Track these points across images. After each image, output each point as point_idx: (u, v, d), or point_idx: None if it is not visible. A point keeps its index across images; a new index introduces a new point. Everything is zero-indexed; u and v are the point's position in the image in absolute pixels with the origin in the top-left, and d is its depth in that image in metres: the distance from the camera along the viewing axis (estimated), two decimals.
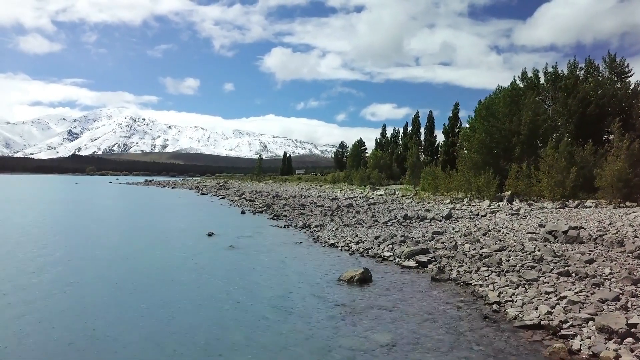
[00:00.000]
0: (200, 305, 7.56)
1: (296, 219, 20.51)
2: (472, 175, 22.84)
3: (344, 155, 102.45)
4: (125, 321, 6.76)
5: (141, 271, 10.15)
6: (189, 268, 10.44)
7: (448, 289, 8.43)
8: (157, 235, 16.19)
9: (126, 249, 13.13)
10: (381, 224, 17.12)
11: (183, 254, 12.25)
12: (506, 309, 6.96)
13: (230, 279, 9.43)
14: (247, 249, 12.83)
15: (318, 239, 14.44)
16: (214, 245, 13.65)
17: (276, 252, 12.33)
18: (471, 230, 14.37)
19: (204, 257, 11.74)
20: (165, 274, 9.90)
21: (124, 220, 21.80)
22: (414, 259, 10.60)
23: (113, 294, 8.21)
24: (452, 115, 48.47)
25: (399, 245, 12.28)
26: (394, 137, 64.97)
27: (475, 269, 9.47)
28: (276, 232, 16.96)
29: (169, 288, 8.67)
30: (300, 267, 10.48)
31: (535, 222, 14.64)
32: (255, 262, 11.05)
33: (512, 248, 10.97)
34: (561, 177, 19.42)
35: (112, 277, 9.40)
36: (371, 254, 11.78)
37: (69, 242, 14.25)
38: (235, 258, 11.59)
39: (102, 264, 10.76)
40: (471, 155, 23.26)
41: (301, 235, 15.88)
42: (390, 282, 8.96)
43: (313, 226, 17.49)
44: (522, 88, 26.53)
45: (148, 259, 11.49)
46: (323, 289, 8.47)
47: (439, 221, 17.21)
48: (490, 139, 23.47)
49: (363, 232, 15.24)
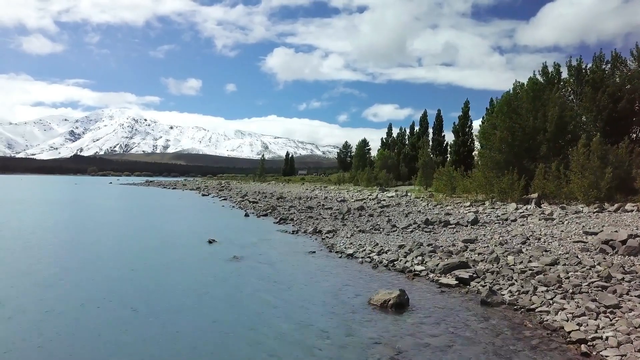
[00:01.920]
0: (199, 338, 5.92)
1: (305, 223, 18.87)
2: (493, 175, 21.16)
3: (347, 155, 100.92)
4: None
5: (128, 293, 8.48)
6: (186, 287, 8.80)
7: (506, 316, 6.78)
8: (152, 243, 14.53)
9: (114, 262, 11.46)
10: (400, 230, 15.47)
11: (179, 267, 10.60)
12: (599, 352, 5.30)
13: (234, 302, 7.79)
14: (254, 261, 11.18)
15: (333, 248, 12.79)
16: (215, 255, 12.01)
17: (287, 265, 10.67)
18: (506, 237, 12.71)
19: (203, 272, 10.09)
20: (157, 297, 8.25)
21: (118, 225, 20.16)
22: (452, 275, 8.95)
23: (90, 325, 6.57)
24: (463, 114, 46.91)
25: (429, 257, 10.63)
26: (400, 136, 63.37)
27: (530, 288, 7.81)
28: (284, 238, 15.32)
29: (162, 315, 7.03)
30: (318, 285, 8.83)
31: (577, 229, 12.98)
32: (263, 278, 9.39)
33: (567, 261, 9.30)
34: (594, 177, 17.74)
35: (90, 306, 7.75)
36: (399, 267, 10.12)
37: (50, 253, 12.60)
38: (239, 273, 9.94)
39: (80, 286, 9.10)
40: (492, 154, 21.56)
41: (312, 242, 14.24)
42: (432, 307, 7.31)
43: (325, 232, 15.86)
44: (542, 83, 24.86)
45: (138, 277, 9.79)
46: (351, 318, 6.83)
47: (464, 227, 15.55)
48: (513, 136, 21.78)
49: (382, 240, 13.59)
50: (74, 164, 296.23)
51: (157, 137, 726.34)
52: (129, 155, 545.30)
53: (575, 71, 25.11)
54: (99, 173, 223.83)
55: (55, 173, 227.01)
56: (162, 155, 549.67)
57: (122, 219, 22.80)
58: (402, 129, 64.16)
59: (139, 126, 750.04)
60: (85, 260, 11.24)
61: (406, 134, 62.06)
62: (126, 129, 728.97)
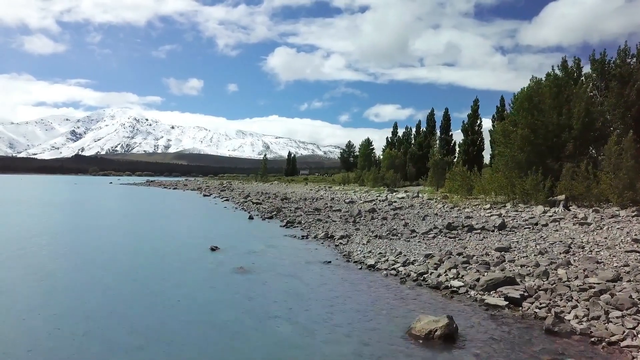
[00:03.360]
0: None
1: (314, 227, 17.52)
2: (515, 176, 19.77)
3: (350, 155, 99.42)
4: None
5: (113, 322, 7.16)
6: (186, 307, 7.45)
7: (583, 353, 5.41)
8: (147, 252, 13.15)
9: (106, 273, 10.13)
10: (420, 236, 14.11)
11: (177, 283, 9.21)
12: None
13: (243, 328, 6.44)
14: (262, 273, 9.82)
15: (350, 257, 11.42)
16: (219, 265, 10.66)
17: (301, 280, 9.29)
18: (543, 245, 11.34)
19: (205, 290, 8.69)
20: (153, 320, 6.91)
21: (111, 231, 18.79)
22: (499, 293, 7.59)
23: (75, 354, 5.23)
24: (472, 112, 45.44)
25: (464, 269, 9.27)
26: (405, 136, 61.95)
27: (601, 313, 6.45)
28: (293, 244, 13.97)
29: (157, 346, 5.69)
30: (342, 307, 7.45)
31: (622, 236, 11.62)
32: (275, 297, 8.01)
33: (632, 277, 7.93)
34: (628, 178, 16.38)
35: (76, 328, 6.42)
36: (431, 282, 8.75)
37: (33, 263, 11.27)
38: (247, 288, 8.59)
39: (61, 311, 7.77)
40: (514, 153, 20.16)
41: (325, 249, 12.88)
42: (486, 337, 5.94)
43: (337, 237, 14.50)
44: (564, 78, 23.46)
45: (126, 299, 8.43)
46: (390, 353, 5.47)
47: (491, 232, 14.18)
48: (535, 134, 20.39)
49: (404, 247, 12.24)
50: (75, 163, 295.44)
51: (158, 137, 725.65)
52: (130, 155, 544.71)
53: (599, 65, 23.68)
54: (100, 173, 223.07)
55: (57, 173, 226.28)
56: (163, 155, 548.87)
57: (117, 223, 21.46)
58: (407, 128, 62.74)
59: (140, 126, 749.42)
60: (68, 274, 9.90)
61: (412, 133, 60.74)
62: (127, 128, 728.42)
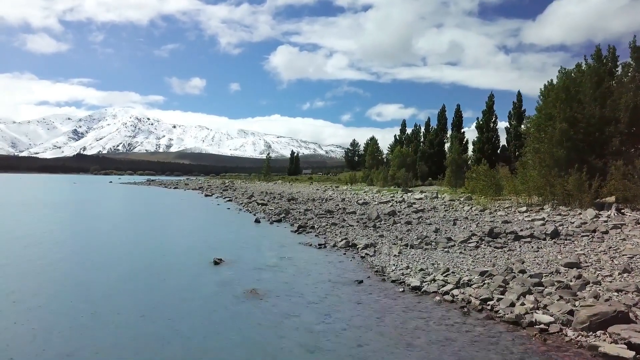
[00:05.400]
0: None
1: (330, 233, 15.45)
2: (554, 175, 17.64)
3: (355, 154, 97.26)
4: None
5: None
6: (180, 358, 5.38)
7: None
8: (140, 265, 11.08)
9: (86, 305, 8.08)
10: (459, 245, 12.00)
11: (172, 315, 7.14)
12: None
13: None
14: (280, 299, 7.72)
15: (384, 274, 9.33)
16: (224, 287, 8.55)
17: (333, 310, 7.16)
18: (621, 260, 9.23)
19: (207, 327, 6.58)
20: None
21: (100, 238, 16.70)
22: (614, 337, 5.49)
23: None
24: (487, 109, 43.37)
25: (540, 294, 7.18)
26: (414, 133, 59.85)
27: None
28: (311, 256, 11.87)
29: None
30: (396, 356, 5.35)
31: None
32: (304, 340, 5.92)
33: None
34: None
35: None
36: (505, 314, 6.64)
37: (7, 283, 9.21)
38: (262, 324, 6.50)
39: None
40: (553, 149, 18.01)
41: (350, 262, 10.80)
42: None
43: (361, 246, 12.42)
44: (600, 67, 21.33)
45: (107, 336, 6.41)
46: None
47: (542, 240, 12.08)
48: (574, 129, 18.26)
49: (445, 260, 10.16)
50: (76, 163, 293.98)
51: (160, 136, 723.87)
52: (132, 154, 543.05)
53: (638, 52, 21.52)
54: (102, 172, 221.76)
55: (58, 172, 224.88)
56: (165, 155, 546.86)
57: (108, 229, 19.38)
58: (416, 125, 60.59)
59: (142, 125, 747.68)
60: (47, 288, 7.85)
61: (421, 131, 58.67)
62: (129, 128, 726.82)
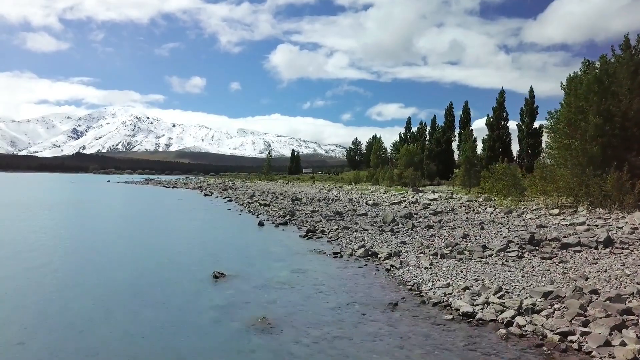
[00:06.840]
0: None
1: (344, 239, 13.82)
2: (589, 174, 16.01)
3: (357, 153, 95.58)
4: None
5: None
6: None
7: None
8: (124, 283, 9.42)
9: (65, 331, 6.44)
10: (497, 254, 10.38)
11: (161, 355, 5.52)
12: None
13: None
14: (296, 330, 6.06)
15: (421, 292, 7.69)
16: (226, 312, 6.89)
17: (364, 346, 5.52)
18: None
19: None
20: None
21: (85, 244, 15.11)
22: None
23: None
24: (497, 106, 41.72)
25: (637, 326, 5.54)
26: (420, 132, 58.26)
27: None
28: (327, 268, 10.23)
29: None
30: None
31: None
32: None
33: None
34: None
35: None
36: (602, 357, 5.01)
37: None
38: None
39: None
40: (587, 146, 16.38)
41: (374, 277, 9.17)
42: None
43: (383, 256, 10.79)
44: (635, 56, 19.68)
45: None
46: None
47: (593, 249, 10.45)
48: (610, 124, 16.63)
49: (488, 273, 8.53)
50: (76, 162, 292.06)
51: (159, 135, 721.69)
52: (131, 153, 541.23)
53: None
54: (101, 171, 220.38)
55: (57, 171, 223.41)
56: (164, 154, 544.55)
57: (95, 233, 17.77)
58: (422, 123, 58.97)
59: (141, 124, 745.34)
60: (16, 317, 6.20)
61: (426, 129, 57.08)
62: (129, 127, 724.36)
